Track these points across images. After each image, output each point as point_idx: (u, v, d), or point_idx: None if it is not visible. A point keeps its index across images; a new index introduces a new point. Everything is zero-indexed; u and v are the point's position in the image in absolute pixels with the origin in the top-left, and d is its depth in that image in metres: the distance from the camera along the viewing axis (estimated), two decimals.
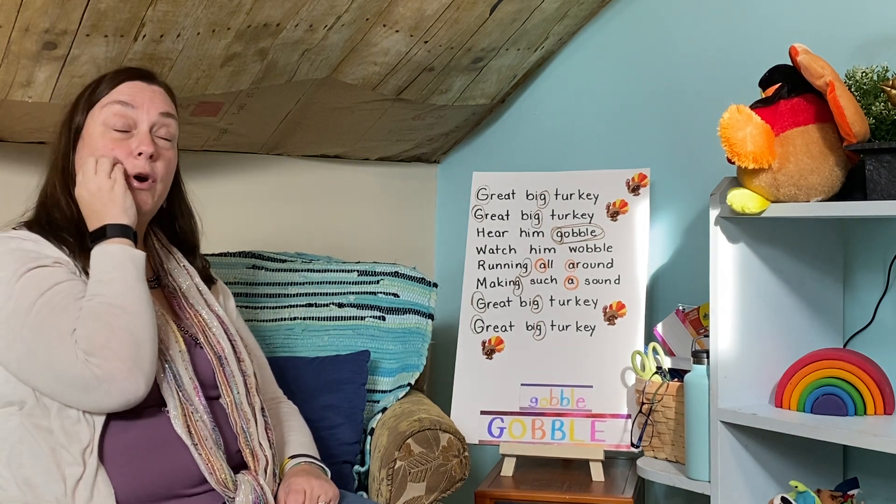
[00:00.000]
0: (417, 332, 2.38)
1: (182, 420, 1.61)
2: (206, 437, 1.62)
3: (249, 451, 1.69)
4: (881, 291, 2.02)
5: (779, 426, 1.81)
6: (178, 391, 1.63)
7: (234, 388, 1.73)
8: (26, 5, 1.88)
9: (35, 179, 2.45)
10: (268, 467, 1.71)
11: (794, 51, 1.79)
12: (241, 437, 1.70)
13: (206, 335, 1.75)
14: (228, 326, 1.81)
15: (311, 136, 2.83)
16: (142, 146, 1.68)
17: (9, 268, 1.56)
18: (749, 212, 1.81)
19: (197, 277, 1.84)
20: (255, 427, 1.72)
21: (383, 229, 3.13)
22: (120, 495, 1.54)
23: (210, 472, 1.60)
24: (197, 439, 1.61)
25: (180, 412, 1.61)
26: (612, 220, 2.41)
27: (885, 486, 2.01)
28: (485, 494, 2.18)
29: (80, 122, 1.70)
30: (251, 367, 1.79)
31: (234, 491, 1.62)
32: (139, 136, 1.69)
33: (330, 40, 2.33)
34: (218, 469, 1.60)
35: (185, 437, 1.60)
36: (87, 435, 1.55)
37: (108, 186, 1.63)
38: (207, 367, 1.71)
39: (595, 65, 2.74)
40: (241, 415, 1.71)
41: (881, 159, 1.68)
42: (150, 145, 1.69)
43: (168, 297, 1.78)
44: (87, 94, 1.72)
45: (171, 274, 1.79)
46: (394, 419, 2.14)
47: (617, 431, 2.25)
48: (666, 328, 2.25)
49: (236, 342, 1.80)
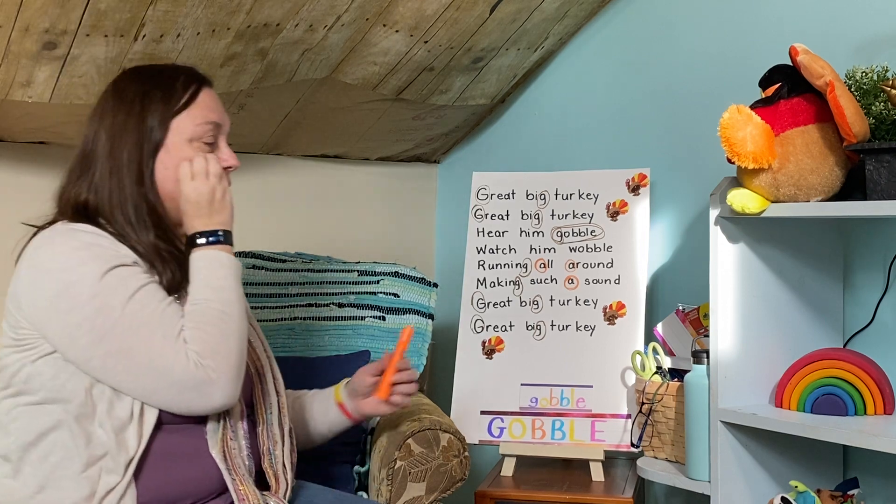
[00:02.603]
0: (418, 332, 2.38)
1: (220, 445, 1.60)
2: (240, 465, 1.62)
3: (273, 474, 1.68)
4: (881, 291, 2.02)
5: (779, 426, 1.81)
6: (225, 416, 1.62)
7: (269, 408, 1.72)
8: (26, 5, 1.88)
9: (35, 179, 2.46)
10: (287, 492, 1.70)
11: (794, 51, 1.79)
12: (266, 458, 1.68)
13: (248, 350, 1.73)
14: (264, 340, 1.81)
15: (311, 136, 2.83)
16: (230, 160, 1.69)
17: (91, 265, 1.53)
18: (749, 212, 1.81)
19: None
20: (282, 449, 1.71)
21: (383, 229, 3.13)
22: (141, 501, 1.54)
23: (242, 498, 1.59)
24: (231, 465, 1.60)
25: (220, 435, 1.61)
26: (612, 220, 2.41)
27: (885, 486, 2.01)
28: (485, 494, 2.18)
29: (159, 131, 1.64)
30: (283, 386, 1.79)
31: None
32: (223, 150, 1.70)
33: (330, 40, 2.33)
34: (251, 496, 1.59)
35: (220, 462, 1.59)
36: (133, 444, 1.54)
37: (221, 191, 1.64)
38: (247, 385, 1.70)
39: (595, 65, 2.74)
40: (270, 436, 1.70)
41: (881, 159, 1.68)
42: (237, 160, 1.71)
43: None
44: (158, 100, 1.65)
45: None
46: (394, 419, 2.14)
47: (617, 431, 2.25)
48: (666, 328, 2.25)
49: (271, 358, 1.79)
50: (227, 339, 1.55)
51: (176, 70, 1.71)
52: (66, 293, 1.51)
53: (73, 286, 1.51)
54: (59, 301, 1.52)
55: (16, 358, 1.56)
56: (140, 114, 1.64)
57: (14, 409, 1.56)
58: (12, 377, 1.56)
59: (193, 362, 1.51)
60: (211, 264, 1.60)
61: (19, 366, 1.55)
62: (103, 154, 1.63)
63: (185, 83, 1.67)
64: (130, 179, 1.62)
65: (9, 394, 1.57)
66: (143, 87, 1.66)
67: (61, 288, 1.52)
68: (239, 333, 1.58)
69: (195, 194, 1.62)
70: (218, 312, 1.56)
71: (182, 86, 1.66)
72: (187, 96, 1.66)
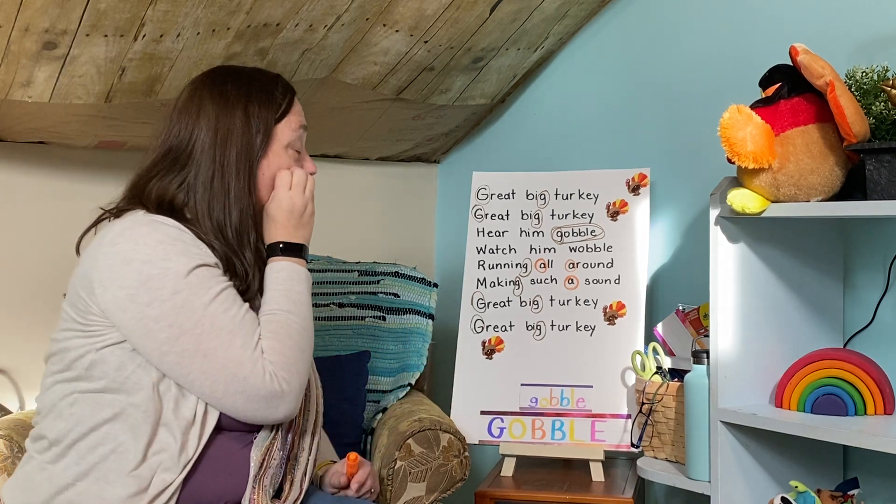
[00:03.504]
0: (418, 332, 2.38)
1: (263, 454, 1.60)
2: (269, 476, 1.61)
3: (290, 479, 1.67)
4: (881, 291, 2.02)
5: (779, 426, 1.81)
6: (280, 427, 1.62)
7: (308, 415, 1.72)
8: (26, 5, 1.88)
9: (35, 179, 2.46)
10: (298, 499, 1.69)
11: (794, 51, 1.79)
12: (290, 463, 1.67)
13: None
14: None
15: (311, 136, 2.81)
16: (313, 166, 1.74)
17: (176, 260, 1.52)
18: (749, 212, 1.81)
19: None
20: (307, 457, 1.70)
21: (383, 229, 3.13)
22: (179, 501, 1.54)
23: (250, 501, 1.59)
24: (262, 472, 1.60)
25: (266, 444, 1.61)
26: (612, 220, 2.41)
27: (885, 486, 2.01)
28: (485, 494, 2.18)
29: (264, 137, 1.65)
30: (321, 396, 1.79)
31: None
32: (306, 157, 1.74)
33: (330, 40, 2.33)
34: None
35: (254, 467, 1.59)
36: (193, 444, 1.54)
37: (311, 208, 1.69)
38: None
39: (595, 65, 2.74)
40: (301, 444, 1.69)
41: (881, 159, 1.68)
42: (316, 167, 1.75)
43: None
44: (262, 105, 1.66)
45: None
46: (394, 419, 2.14)
47: (617, 431, 2.25)
48: (666, 328, 2.25)
49: (314, 368, 1.78)
50: (304, 354, 1.58)
51: (268, 75, 1.72)
52: (147, 285, 1.50)
53: (155, 279, 1.50)
54: (140, 292, 1.50)
55: (80, 343, 1.54)
56: (245, 118, 1.64)
57: (72, 395, 1.54)
58: (74, 361, 1.54)
59: (269, 374, 1.52)
60: (292, 276, 1.62)
61: (83, 351, 1.53)
62: (207, 155, 1.62)
63: (283, 91, 1.70)
64: (239, 184, 1.62)
65: (67, 377, 1.55)
66: (244, 90, 1.66)
67: (143, 279, 1.50)
68: (311, 350, 1.61)
69: (289, 204, 1.65)
70: (298, 328, 1.58)
71: (281, 93, 1.69)
72: (286, 103, 1.69)
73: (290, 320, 1.57)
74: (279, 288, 1.60)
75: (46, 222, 2.45)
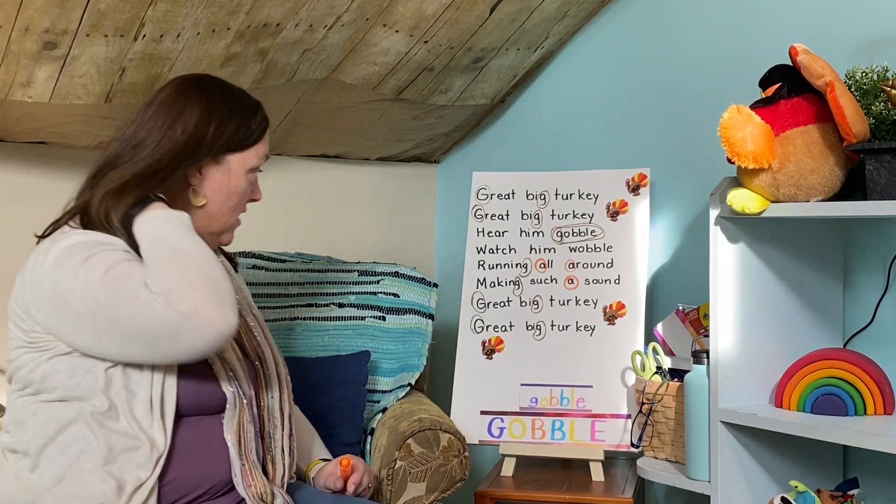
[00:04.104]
0: (417, 332, 2.38)
1: (235, 429, 1.62)
2: (251, 451, 1.64)
3: (270, 458, 1.70)
4: (881, 291, 2.02)
5: (779, 426, 1.81)
6: (242, 398, 1.65)
7: (271, 391, 1.74)
8: (26, 5, 1.88)
9: (35, 179, 2.45)
10: (284, 476, 1.72)
11: (794, 51, 1.79)
12: (266, 441, 1.70)
13: (248, 335, 1.76)
14: (265, 328, 1.83)
15: (311, 136, 2.83)
16: (260, 195, 1.80)
17: (76, 255, 1.54)
18: (749, 212, 1.81)
19: (235, 274, 1.86)
20: (282, 434, 1.73)
21: (383, 229, 3.13)
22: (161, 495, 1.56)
23: (248, 484, 1.61)
24: (243, 450, 1.63)
25: (236, 420, 1.63)
26: (612, 220, 2.41)
27: (885, 486, 2.01)
28: (485, 494, 2.18)
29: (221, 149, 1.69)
30: (285, 372, 1.80)
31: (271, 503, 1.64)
32: (257, 186, 1.79)
33: (330, 40, 2.33)
34: (258, 483, 1.63)
35: (233, 447, 1.61)
36: (161, 440, 1.55)
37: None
38: (250, 370, 1.72)
39: (595, 65, 2.74)
40: (272, 419, 1.72)
41: (881, 159, 1.68)
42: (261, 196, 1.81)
43: None
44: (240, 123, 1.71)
45: None
46: (394, 419, 2.14)
47: (617, 431, 2.25)
48: (666, 328, 2.25)
49: (272, 344, 1.81)
50: (188, 270, 1.52)
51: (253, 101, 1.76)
52: (58, 288, 1.53)
53: (61, 280, 1.53)
54: (57, 299, 1.53)
55: (30, 357, 1.57)
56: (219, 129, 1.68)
57: (33, 405, 1.57)
58: (28, 375, 1.58)
59: (161, 305, 1.48)
60: (146, 224, 1.59)
61: (34, 365, 1.57)
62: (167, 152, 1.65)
63: (262, 120, 1.75)
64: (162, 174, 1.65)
65: (27, 392, 1.59)
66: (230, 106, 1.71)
67: (55, 286, 1.54)
68: (202, 264, 1.55)
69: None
70: (169, 251, 1.55)
71: (258, 122, 1.74)
72: (259, 131, 1.73)
73: (158, 250, 1.55)
74: (143, 237, 1.58)
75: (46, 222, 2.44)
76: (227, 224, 1.75)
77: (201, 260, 1.55)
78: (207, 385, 1.63)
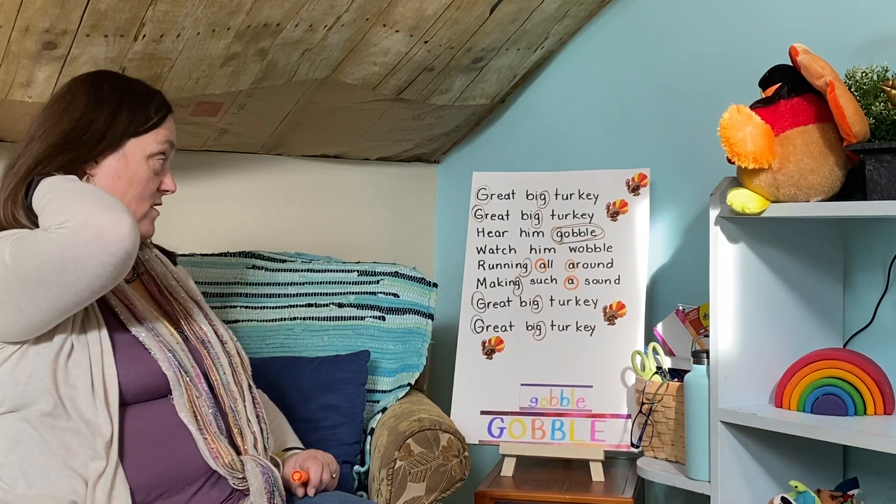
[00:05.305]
0: (417, 332, 2.38)
1: (188, 406, 1.64)
2: (211, 423, 1.66)
3: (238, 431, 1.72)
4: (881, 291, 2.02)
5: (779, 426, 1.81)
6: (185, 376, 1.66)
7: (220, 368, 1.76)
8: (26, 5, 1.88)
9: None
10: (257, 443, 1.73)
11: (794, 51, 1.79)
12: (230, 416, 1.72)
13: (187, 321, 1.79)
14: (207, 310, 1.86)
15: (311, 136, 2.83)
16: (172, 186, 1.77)
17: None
18: (749, 212, 1.81)
19: (170, 265, 1.88)
20: (243, 405, 1.76)
21: (383, 229, 3.13)
22: (134, 487, 1.56)
23: (215, 456, 1.63)
24: (202, 424, 1.64)
25: (186, 399, 1.64)
26: (612, 220, 2.41)
27: (885, 486, 2.01)
28: (485, 494, 2.18)
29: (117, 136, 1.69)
30: (234, 348, 1.83)
31: (241, 472, 1.65)
32: (168, 174, 1.77)
33: (330, 40, 2.34)
34: (224, 453, 1.64)
35: (191, 424, 1.63)
36: (106, 426, 1.56)
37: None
38: (196, 354, 1.75)
39: (595, 65, 2.74)
40: (229, 394, 1.75)
41: (881, 159, 1.68)
42: (176, 186, 1.78)
43: (147, 286, 1.80)
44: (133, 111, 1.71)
45: (144, 263, 1.82)
46: (394, 419, 2.14)
47: (617, 431, 2.25)
48: (666, 328, 2.25)
49: (216, 325, 1.84)
50: (69, 196, 1.54)
51: (149, 89, 1.78)
52: None
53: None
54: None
55: None
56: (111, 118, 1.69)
57: None
58: None
59: (54, 233, 1.48)
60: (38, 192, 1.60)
61: None
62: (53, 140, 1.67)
63: (158, 106, 1.75)
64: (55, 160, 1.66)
65: None
66: (119, 94, 1.71)
67: None
68: (82, 188, 1.57)
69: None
70: (52, 194, 1.56)
71: (155, 108, 1.74)
72: (157, 118, 1.73)
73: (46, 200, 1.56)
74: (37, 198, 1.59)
75: None
76: (135, 214, 1.70)
77: (85, 187, 1.58)
78: (147, 366, 1.63)
